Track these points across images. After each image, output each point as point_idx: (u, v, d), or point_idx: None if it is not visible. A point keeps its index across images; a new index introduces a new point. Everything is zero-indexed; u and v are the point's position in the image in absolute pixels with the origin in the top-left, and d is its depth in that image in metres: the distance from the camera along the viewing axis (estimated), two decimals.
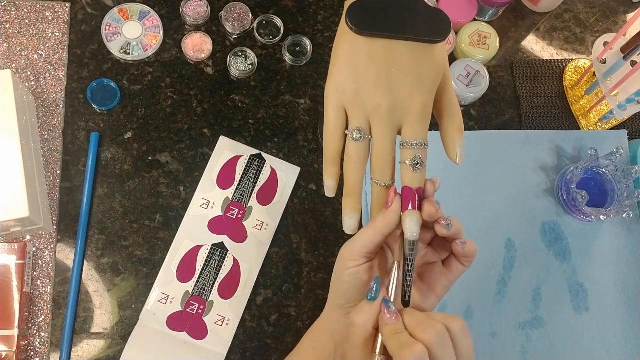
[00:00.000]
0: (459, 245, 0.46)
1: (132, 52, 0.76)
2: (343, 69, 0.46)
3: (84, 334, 0.68)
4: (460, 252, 0.47)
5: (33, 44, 0.76)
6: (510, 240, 0.75)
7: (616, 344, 0.72)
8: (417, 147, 0.45)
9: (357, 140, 0.46)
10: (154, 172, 0.74)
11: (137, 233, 0.72)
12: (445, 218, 0.46)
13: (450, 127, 0.48)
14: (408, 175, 0.45)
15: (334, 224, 0.74)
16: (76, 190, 0.72)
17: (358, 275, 0.46)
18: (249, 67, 0.77)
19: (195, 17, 0.78)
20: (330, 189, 0.48)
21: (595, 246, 0.75)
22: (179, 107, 0.76)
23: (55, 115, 0.74)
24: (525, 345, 0.71)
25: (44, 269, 0.69)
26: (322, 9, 0.82)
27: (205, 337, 0.68)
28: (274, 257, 0.73)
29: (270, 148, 0.76)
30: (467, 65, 0.79)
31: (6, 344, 0.64)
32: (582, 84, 0.81)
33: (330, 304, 0.50)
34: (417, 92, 0.45)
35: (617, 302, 0.74)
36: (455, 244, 0.47)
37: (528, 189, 0.76)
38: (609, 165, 0.74)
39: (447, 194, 0.73)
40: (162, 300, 0.69)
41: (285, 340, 0.70)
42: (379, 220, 0.46)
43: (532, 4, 0.85)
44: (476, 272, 0.73)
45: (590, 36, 0.86)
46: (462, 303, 0.72)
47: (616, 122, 0.80)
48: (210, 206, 0.72)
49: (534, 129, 0.80)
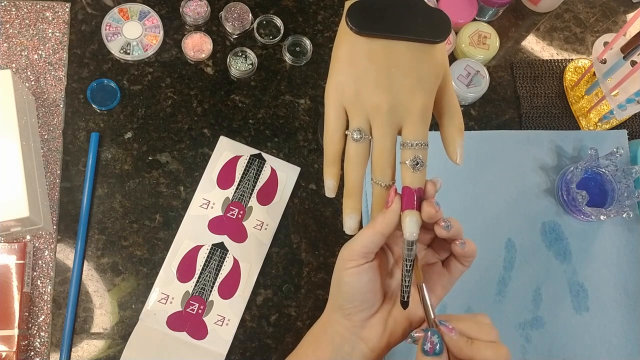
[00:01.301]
0: (458, 246, 0.46)
1: (132, 52, 0.76)
2: (343, 69, 0.46)
3: (84, 334, 0.68)
4: (459, 252, 0.47)
5: (33, 44, 0.76)
6: (510, 240, 0.75)
7: (616, 344, 0.72)
8: (417, 148, 0.45)
9: (358, 141, 0.46)
10: (154, 172, 0.74)
11: (137, 233, 0.72)
12: (444, 219, 0.46)
13: (450, 127, 0.48)
14: (408, 176, 0.45)
15: (334, 224, 0.74)
16: (76, 190, 0.72)
17: (358, 276, 0.46)
18: (249, 67, 0.77)
19: (195, 17, 0.78)
20: (330, 189, 0.48)
21: (595, 246, 0.75)
22: (179, 107, 0.76)
23: (55, 115, 0.74)
24: (525, 346, 0.71)
25: (44, 269, 0.69)
26: (322, 9, 0.82)
27: (205, 337, 0.68)
28: (274, 257, 0.73)
29: (270, 148, 0.76)
30: (467, 65, 0.79)
31: (6, 344, 0.64)
32: (582, 84, 0.81)
33: (331, 305, 0.50)
34: (417, 92, 0.45)
35: (617, 302, 0.74)
36: (455, 245, 0.47)
37: (528, 189, 0.76)
38: (609, 165, 0.74)
39: (447, 194, 0.73)
40: (162, 300, 0.69)
41: (285, 340, 0.70)
42: (379, 220, 0.46)
43: (532, 4, 0.85)
44: (476, 272, 0.73)
45: (590, 36, 0.86)
46: (462, 303, 0.72)
47: (616, 122, 0.80)
48: (210, 206, 0.72)
49: (534, 129, 0.80)
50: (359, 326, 0.48)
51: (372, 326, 0.48)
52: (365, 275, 0.46)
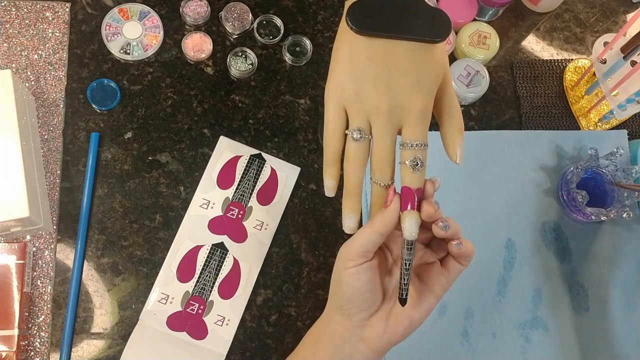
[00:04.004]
0: (454, 246, 0.46)
1: (132, 52, 0.76)
2: (343, 69, 0.46)
3: (84, 334, 0.68)
4: (456, 252, 0.47)
5: (33, 44, 0.76)
6: (510, 240, 0.75)
7: (616, 344, 0.72)
8: (417, 148, 0.45)
9: (357, 141, 0.46)
10: (154, 172, 0.74)
11: (137, 233, 0.72)
12: (442, 219, 0.46)
13: (450, 127, 0.48)
14: (408, 176, 0.45)
15: (334, 224, 0.74)
16: (76, 190, 0.72)
17: (357, 276, 0.46)
18: (249, 67, 0.77)
19: (195, 17, 0.78)
20: (330, 189, 0.48)
21: (595, 246, 0.75)
22: (179, 107, 0.76)
23: (55, 115, 0.74)
24: (525, 346, 0.71)
25: (44, 269, 0.69)
26: (322, 9, 0.82)
27: (205, 337, 0.68)
28: (274, 257, 0.73)
29: (270, 148, 0.76)
30: (467, 65, 0.79)
31: (6, 344, 0.64)
32: (582, 84, 0.81)
33: (330, 306, 0.50)
34: (417, 92, 0.45)
35: (617, 302, 0.74)
36: (451, 245, 0.47)
37: (528, 189, 0.76)
38: (609, 165, 0.74)
39: (447, 194, 0.73)
40: (162, 300, 0.69)
41: (285, 340, 0.70)
42: (378, 220, 0.46)
43: (532, 4, 0.85)
44: (476, 272, 0.73)
45: (590, 36, 0.86)
46: (462, 303, 0.72)
47: (616, 122, 0.80)
48: (210, 206, 0.72)
49: (534, 129, 0.80)
50: (359, 326, 0.48)
51: (372, 326, 0.48)
52: (364, 274, 0.46)
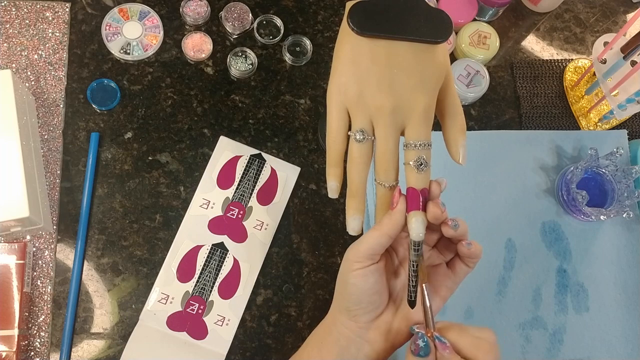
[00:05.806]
0: (464, 246, 0.46)
1: (132, 52, 0.76)
2: (345, 70, 0.46)
3: (84, 334, 0.68)
4: (465, 253, 0.47)
5: (33, 44, 0.76)
6: (510, 240, 0.75)
7: (616, 344, 0.72)
8: (420, 148, 0.45)
9: (360, 142, 0.46)
10: (154, 172, 0.74)
11: (137, 233, 0.71)
12: (452, 219, 0.46)
13: (452, 128, 0.48)
14: (413, 176, 0.45)
15: (334, 224, 0.74)
16: (76, 190, 0.72)
17: (364, 278, 0.46)
18: (249, 67, 0.77)
19: (195, 17, 0.78)
20: (333, 190, 0.48)
21: (595, 246, 0.75)
22: (179, 107, 0.76)
23: (55, 115, 0.74)
24: (525, 346, 0.71)
25: (44, 269, 0.69)
26: (322, 9, 0.82)
27: (205, 337, 0.68)
28: (274, 257, 0.72)
29: (270, 148, 0.76)
30: (467, 65, 0.79)
31: (6, 344, 0.64)
32: (582, 84, 0.81)
33: (336, 307, 0.50)
34: (419, 92, 0.45)
35: (617, 302, 0.74)
36: (461, 245, 0.47)
37: (528, 189, 0.77)
38: (609, 165, 0.75)
39: (447, 194, 0.73)
40: (162, 300, 0.69)
41: (285, 340, 0.70)
42: (385, 221, 0.46)
43: (532, 4, 0.85)
44: (476, 272, 0.71)
45: (590, 36, 0.86)
46: (462, 303, 0.72)
47: (616, 122, 0.80)
48: (210, 206, 0.72)
49: (534, 129, 0.80)
50: (365, 328, 0.48)
51: (378, 328, 0.48)
52: (371, 276, 0.46)
